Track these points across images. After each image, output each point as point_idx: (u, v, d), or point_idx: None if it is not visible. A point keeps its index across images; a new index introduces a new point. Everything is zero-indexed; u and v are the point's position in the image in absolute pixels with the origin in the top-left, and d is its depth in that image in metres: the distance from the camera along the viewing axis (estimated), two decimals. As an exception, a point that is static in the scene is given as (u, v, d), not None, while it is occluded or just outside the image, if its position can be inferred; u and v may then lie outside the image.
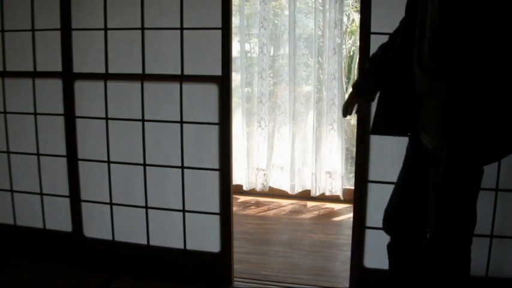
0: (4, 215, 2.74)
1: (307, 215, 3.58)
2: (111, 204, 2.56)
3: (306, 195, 3.81)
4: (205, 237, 2.47)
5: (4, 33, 2.58)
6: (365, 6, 2.14)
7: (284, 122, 3.81)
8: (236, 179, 3.80)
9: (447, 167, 1.43)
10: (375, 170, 2.24)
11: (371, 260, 2.30)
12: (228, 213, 2.41)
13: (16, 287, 2.48)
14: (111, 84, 2.46)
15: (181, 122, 2.40)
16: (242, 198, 3.87)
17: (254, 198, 3.88)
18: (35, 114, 2.60)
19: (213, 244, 2.45)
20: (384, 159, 2.23)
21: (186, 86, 2.38)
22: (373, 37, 2.11)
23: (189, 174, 2.44)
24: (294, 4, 3.59)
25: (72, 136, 2.55)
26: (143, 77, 2.41)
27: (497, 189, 2.12)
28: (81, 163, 2.57)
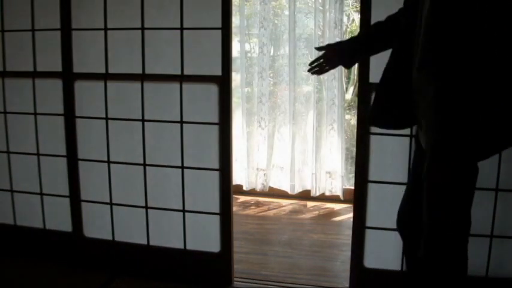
0: (4, 215, 2.74)
1: (307, 215, 3.58)
2: (111, 204, 2.56)
3: (306, 195, 3.81)
4: (205, 237, 2.47)
5: (4, 33, 2.58)
6: (365, 6, 2.14)
7: (284, 122, 3.81)
8: (236, 179, 3.80)
9: (429, 163, 1.46)
10: (375, 170, 2.24)
11: (371, 260, 2.30)
12: (228, 213, 2.41)
13: (16, 287, 2.48)
14: (111, 84, 2.47)
15: (181, 122, 2.40)
16: (242, 198, 3.87)
17: (254, 198, 3.88)
18: (35, 114, 2.60)
19: (213, 244, 2.45)
20: (384, 159, 2.23)
21: (186, 86, 2.38)
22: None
23: (189, 174, 2.44)
24: (294, 4, 3.60)
25: (72, 136, 2.55)
26: (143, 77, 2.41)
27: (497, 189, 2.12)
28: (81, 163, 2.57)
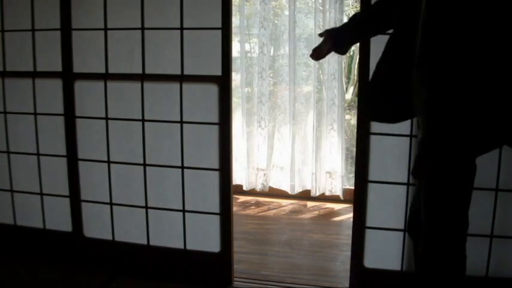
0: (4, 215, 2.74)
1: (307, 215, 3.58)
2: (111, 204, 2.56)
3: (306, 195, 3.81)
4: (205, 237, 2.47)
5: (4, 33, 2.58)
6: (365, 6, 2.13)
7: (284, 122, 3.81)
8: (236, 179, 3.80)
9: (415, 160, 1.47)
10: (375, 170, 2.24)
11: (371, 260, 2.30)
12: (228, 213, 2.41)
13: (16, 287, 2.48)
14: (111, 84, 2.46)
15: (181, 122, 2.40)
16: (242, 198, 3.87)
17: (254, 198, 3.88)
18: (35, 114, 2.60)
19: (213, 244, 2.45)
20: (384, 159, 2.23)
21: (186, 86, 2.38)
22: (373, 37, 2.10)
23: (189, 174, 2.44)
24: (294, 4, 3.59)
25: (72, 136, 2.55)
26: (143, 77, 2.41)
27: (497, 189, 2.12)
28: (81, 163, 2.57)
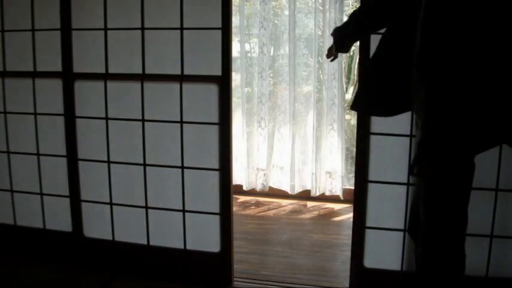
0: (4, 215, 2.74)
1: (307, 215, 3.58)
2: (111, 204, 2.56)
3: (306, 195, 3.81)
4: (205, 237, 2.47)
5: (4, 33, 2.58)
6: (364, 3, 2.13)
7: (284, 122, 3.81)
8: (236, 179, 3.80)
9: (414, 158, 1.48)
10: (375, 170, 2.24)
11: (371, 260, 2.30)
12: (228, 213, 2.41)
13: (16, 287, 2.48)
14: (111, 84, 2.46)
15: (181, 122, 2.40)
16: (242, 198, 3.87)
17: (254, 198, 3.88)
18: (35, 114, 2.60)
19: (213, 244, 2.45)
20: (384, 159, 2.23)
21: (186, 86, 2.38)
22: (373, 37, 2.10)
23: (189, 174, 2.44)
24: (294, 4, 3.59)
25: (72, 136, 2.55)
26: (143, 77, 2.41)
27: (497, 189, 2.12)
28: (81, 163, 2.57)
